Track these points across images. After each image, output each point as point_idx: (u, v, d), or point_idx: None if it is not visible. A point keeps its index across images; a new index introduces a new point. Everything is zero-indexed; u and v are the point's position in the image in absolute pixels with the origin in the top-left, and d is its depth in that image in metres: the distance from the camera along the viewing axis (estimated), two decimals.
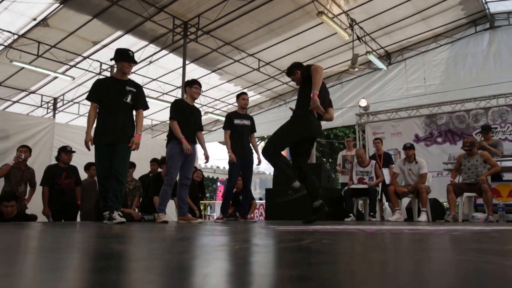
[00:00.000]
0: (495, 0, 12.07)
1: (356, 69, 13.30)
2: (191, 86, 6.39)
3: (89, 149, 5.19)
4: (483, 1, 12.03)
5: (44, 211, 7.39)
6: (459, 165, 7.95)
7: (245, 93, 7.66)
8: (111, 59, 5.64)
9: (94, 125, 5.39)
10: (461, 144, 8.77)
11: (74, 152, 7.54)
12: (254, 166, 7.68)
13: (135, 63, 5.63)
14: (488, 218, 7.37)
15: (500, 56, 12.53)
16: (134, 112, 5.58)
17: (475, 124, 11.41)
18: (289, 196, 5.08)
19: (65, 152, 7.51)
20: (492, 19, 12.68)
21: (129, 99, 5.40)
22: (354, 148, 9.90)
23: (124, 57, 5.39)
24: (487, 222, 7.13)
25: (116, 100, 5.34)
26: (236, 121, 7.29)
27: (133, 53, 5.52)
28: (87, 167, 8.08)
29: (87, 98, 5.39)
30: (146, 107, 5.74)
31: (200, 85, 6.49)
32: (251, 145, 7.44)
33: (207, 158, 6.77)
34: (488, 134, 8.93)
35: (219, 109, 16.44)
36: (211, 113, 16.04)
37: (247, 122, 7.36)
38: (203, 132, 6.90)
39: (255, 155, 7.43)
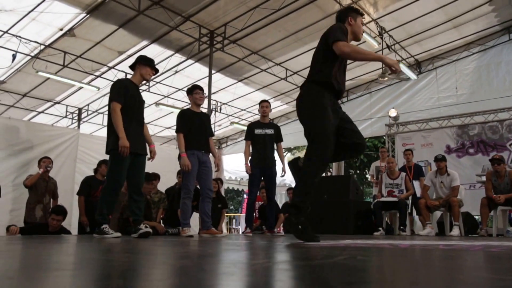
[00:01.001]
0: None
1: (386, 79, 13.20)
2: (192, 93, 6.29)
3: (126, 155, 4.90)
4: None
5: (82, 219, 7.50)
6: (491, 185, 7.80)
7: (265, 101, 7.58)
8: (132, 65, 5.44)
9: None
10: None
11: None
12: (279, 178, 7.60)
13: (157, 72, 5.67)
14: None
15: None
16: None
17: (509, 134, 11.20)
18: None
19: (106, 164, 7.57)
20: None
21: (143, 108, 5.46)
22: None
23: (149, 63, 5.40)
24: None
25: (138, 107, 5.31)
26: (257, 131, 7.26)
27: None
28: None
29: (116, 99, 5.06)
30: None
31: (201, 89, 6.36)
32: (276, 154, 7.38)
33: (217, 166, 6.65)
34: None
35: (245, 119, 16.45)
36: (237, 123, 16.05)
37: (270, 131, 7.26)
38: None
39: (279, 165, 7.35)
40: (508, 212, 8.45)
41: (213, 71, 12.00)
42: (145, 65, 5.35)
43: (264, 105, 7.45)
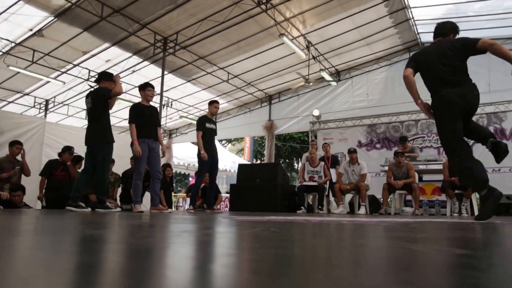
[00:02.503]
0: (426, 31, 12.49)
1: (311, 84, 13.44)
2: (145, 89, 6.26)
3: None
4: (416, 32, 12.44)
5: (39, 196, 7.45)
6: (391, 173, 8.16)
7: (217, 102, 7.59)
8: (97, 80, 6.09)
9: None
10: (396, 149, 9.11)
11: (75, 154, 7.44)
12: (221, 164, 7.67)
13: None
14: (415, 212, 7.67)
15: None
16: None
17: (407, 133, 11.75)
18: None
19: (70, 152, 7.41)
20: (423, 47, 13.01)
21: None
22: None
23: (111, 77, 5.87)
24: (413, 215, 7.36)
25: None
26: (207, 125, 7.27)
27: None
28: None
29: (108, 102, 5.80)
30: None
31: (153, 87, 6.35)
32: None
33: (163, 152, 6.65)
34: (405, 143, 9.28)
35: (192, 114, 16.32)
36: (185, 117, 15.92)
37: (214, 127, 7.36)
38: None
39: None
40: (404, 195, 8.84)
41: (165, 72, 11.81)
42: (108, 80, 5.82)
43: (217, 106, 7.46)
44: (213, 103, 7.46)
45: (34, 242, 1.27)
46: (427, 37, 12.79)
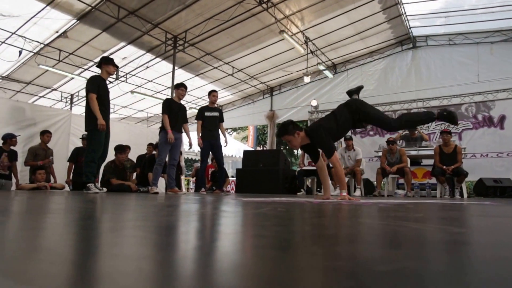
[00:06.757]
0: (417, 26, 12.31)
1: (309, 76, 13.38)
2: (178, 89, 6.48)
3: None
4: (408, 26, 12.20)
5: (67, 180, 7.79)
6: (385, 158, 8.18)
7: (215, 91, 7.51)
8: (97, 65, 5.76)
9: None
10: (388, 136, 9.08)
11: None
12: (226, 149, 7.69)
13: (117, 67, 6.30)
14: (407, 194, 7.66)
15: (419, 69, 12.77)
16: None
17: None
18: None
19: (84, 139, 7.56)
20: (414, 40, 12.86)
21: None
22: None
23: (111, 62, 5.65)
24: (406, 197, 7.36)
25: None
26: (207, 113, 7.27)
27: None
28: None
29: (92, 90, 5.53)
30: None
31: (185, 87, 6.53)
32: (220, 131, 7.40)
33: (190, 144, 6.89)
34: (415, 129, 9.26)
35: (201, 105, 16.30)
36: (195, 108, 15.92)
37: (216, 114, 7.32)
38: (189, 124, 6.97)
39: (223, 139, 7.39)
40: (397, 179, 8.85)
41: (176, 68, 11.81)
42: (106, 64, 5.57)
43: (215, 94, 7.43)
44: (211, 93, 7.44)
45: (61, 220, 1.30)
46: (419, 31, 12.63)
